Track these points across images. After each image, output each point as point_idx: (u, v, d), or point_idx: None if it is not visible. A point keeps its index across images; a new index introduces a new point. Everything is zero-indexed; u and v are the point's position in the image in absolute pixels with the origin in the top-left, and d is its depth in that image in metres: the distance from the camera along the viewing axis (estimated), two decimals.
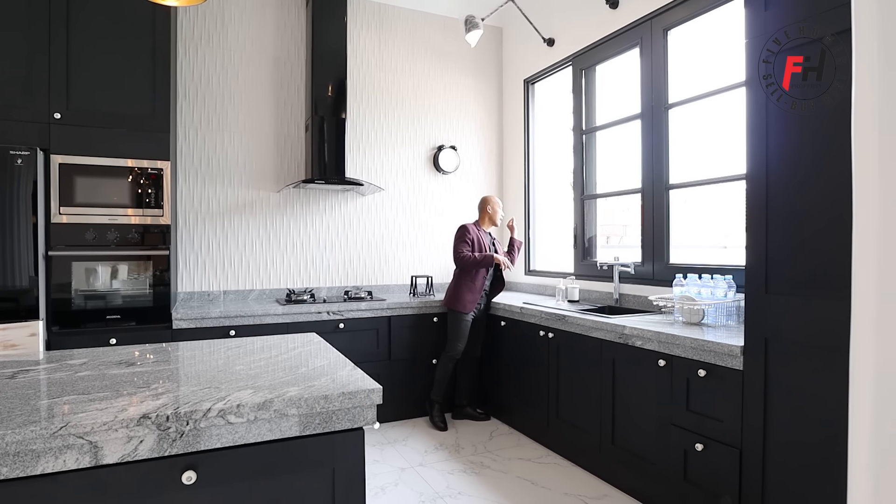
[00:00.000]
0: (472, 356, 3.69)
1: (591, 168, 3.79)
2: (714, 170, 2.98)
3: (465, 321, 3.53)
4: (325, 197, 4.01)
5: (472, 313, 3.57)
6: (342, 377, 1.41)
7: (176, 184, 3.51)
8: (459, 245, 3.52)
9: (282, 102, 3.88)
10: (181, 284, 3.58)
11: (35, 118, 2.78)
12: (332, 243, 4.02)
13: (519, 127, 4.45)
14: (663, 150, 3.14)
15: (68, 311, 2.85)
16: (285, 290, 3.81)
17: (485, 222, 3.69)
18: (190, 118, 3.61)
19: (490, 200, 3.70)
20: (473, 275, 3.54)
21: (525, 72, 4.36)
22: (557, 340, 3.05)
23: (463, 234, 3.56)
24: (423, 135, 4.34)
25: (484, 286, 3.62)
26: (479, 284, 3.57)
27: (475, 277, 3.55)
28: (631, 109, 3.41)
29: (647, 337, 2.41)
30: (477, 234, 3.59)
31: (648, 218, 3.23)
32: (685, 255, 3.17)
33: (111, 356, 1.69)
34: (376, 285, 4.14)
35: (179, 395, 1.23)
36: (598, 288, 3.56)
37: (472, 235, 3.55)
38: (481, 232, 3.64)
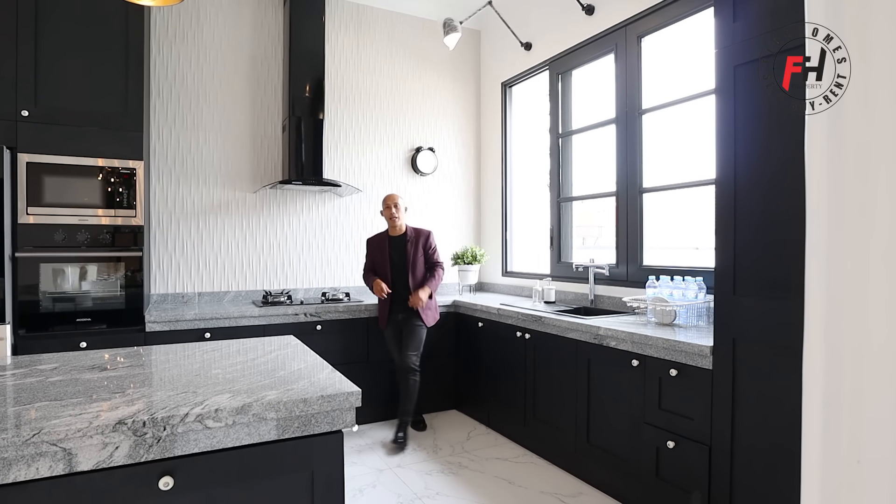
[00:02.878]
0: (400, 366, 3.39)
1: (567, 171, 3.85)
2: (686, 174, 3.06)
3: (385, 335, 3.51)
4: (302, 198, 3.98)
5: (389, 326, 3.46)
6: (321, 380, 1.42)
7: (149, 184, 3.45)
8: (366, 258, 3.59)
9: (258, 102, 3.84)
10: (155, 286, 3.52)
11: (1, 115, 2.71)
12: (309, 244, 4.00)
13: (497, 129, 4.49)
14: (637, 154, 3.20)
15: (36, 313, 2.78)
16: (262, 291, 3.78)
17: (388, 227, 3.53)
18: (164, 117, 3.56)
19: (385, 200, 3.47)
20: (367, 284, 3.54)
21: (503, 75, 4.40)
22: (534, 341, 3.09)
23: (368, 247, 3.58)
24: (401, 136, 4.35)
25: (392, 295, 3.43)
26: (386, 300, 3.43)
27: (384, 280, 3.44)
28: (606, 114, 3.47)
29: (621, 338, 2.46)
30: (375, 243, 3.52)
31: (623, 220, 3.29)
32: (659, 256, 3.25)
33: (83, 360, 1.66)
34: (354, 287, 4.13)
35: (155, 400, 1.22)
36: (574, 289, 3.61)
37: (368, 249, 3.56)
38: (383, 239, 3.49)
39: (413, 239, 3.49)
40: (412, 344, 3.39)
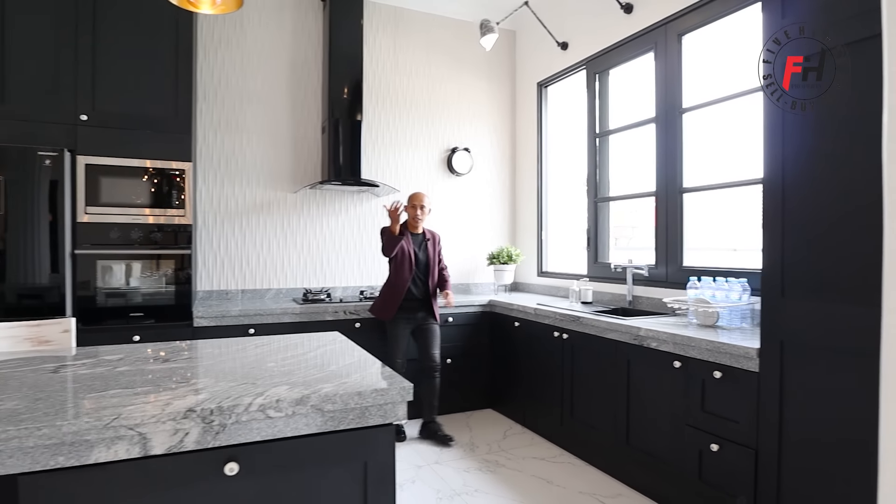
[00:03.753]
0: (428, 367, 3.38)
1: (604, 171, 3.83)
2: (727, 173, 3.01)
3: (394, 332, 3.34)
4: (340, 198, 4.06)
5: (402, 323, 3.37)
6: (372, 374, 1.46)
7: (195, 184, 3.58)
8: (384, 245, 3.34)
9: (299, 104, 3.93)
10: (200, 283, 3.64)
11: (62, 120, 2.85)
12: (346, 243, 4.08)
13: (532, 129, 4.49)
14: (677, 153, 3.17)
15: (92, 308, 2.91)
16: (301, 289, 3.87)
17: (409, 224, 3.47)
18: (209, 119, 3.68)
19: (412, 199, 3.44)
20: (394, 276, 3.36)
21: (538, 75, 4.40)
22: (572, 341, 3.08)
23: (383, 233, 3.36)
24: (437, 137, 4.39)
25: (412, 292, 3.38)
26: (401, 288, 3.33)
27: (395, 280, 3.34)
28: (645, 113, 3.44)
29: (663, 339, 2.45)
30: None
31: (662, 221, 3.26)
32: (697, 257, 3.21)
33: (145, 352, 1.75)
34: None
35: (219, 390, 1.28)
36: (611, 290, 3.59)
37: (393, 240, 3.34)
38: (405, 235, 3.38)
39: (432, 240, 3.53)
40: (437, 342, 3.45)
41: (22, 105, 2.79)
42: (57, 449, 1.06)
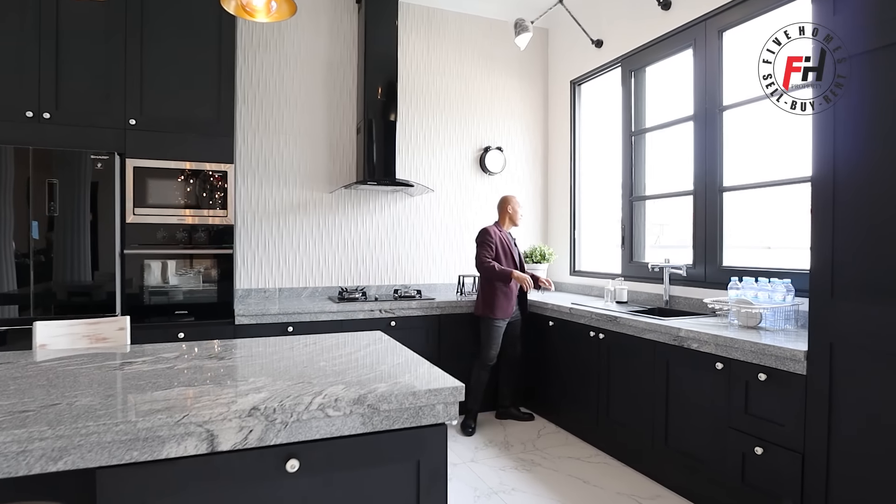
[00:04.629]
0: (513, 357, 3.69)
1: (639, 170, 3.79)
2: (767, 171, 2.96)
3: (498, 328, 3.52)
4: (374, 197, 4.11)
5: (504, 319, 3.55)
6: (423, 374, 1.49)
7: (235, 185, 3.67)
8: (481, 251, 3.50)
9: (334, 106, 3.99)
10: (239, 281, 3.73)
11: (112, 124, 2.96)
12: (381, 243, 4.12)
13: (565, 128, 4.47)
14: (717, 151, 3.12)
15: (140, 305, 3.01)
16: (337, 287, 3.93)
17: (505, 223, 3.68)
18: (249, 122, 3.76)
19: (511, 200, 3.69)
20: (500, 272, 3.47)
21: (571, 73, 4.37)
22: (608, 341, 3.07)
23: (484, 238, 3.53)
24: (469, 136, 4.40)
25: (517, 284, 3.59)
26: (513, 286, 3.53)
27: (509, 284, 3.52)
28: (683, 111, 3.39)
29: (704, 340, 2.42)
30: (499, 237, 3.57)
31: (700, 220, 3.21)
32: (736, 256, 3.16)
33: (199, 350, 1.81)
34: (424, 284, 4.22)
35: (278, 389, 1.33)
36: (647, 289, 3.56)
37: (493, 239, 3.53)
38: (503, 233, 3.64)
39: (515, 239, 3.77)
40: (521, 336, 3.74)
41: (75, 111, 2.90)
42: (132, 444, 1.11)
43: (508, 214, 3.69)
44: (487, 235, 3.55)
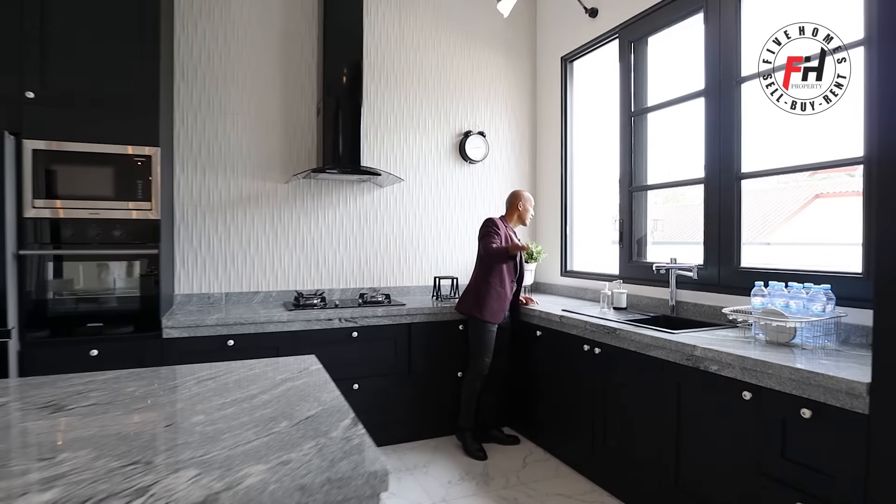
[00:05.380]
0: (497, 369, 3.23)
1: (640, 155, 3.30)
2: (785, 155, 2.49)
3: (490, 332, 3.07)
4: (338, 189, 3.60)
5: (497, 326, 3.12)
6: (334, 442, 0.99)
7: (172, 174, 3.15)
8: (487, 238, 3.07)
9: (291, 83, 3.47)
10: (179, 286, 3.21)
11: (3, 98, 2.43)
12: (346, 240, 3.62)
13: (555, 110, 3.97)
14: (734, 132, 2.63)
15: (42, 317, 2.49)
16: (293, 292, 3.42)
17: (513, 220, 3.24)
18: (188, 100, 3.23)
19: (522, 196, 3.23)
20: (501, 277, 3.07)
21: (562, 48, 3.87)
22: (606, 357, 2.59)
23: (489, 228, 3.10)
24: (447, 120, 3.90)
25: (512, 289, 3.17)
26: (509, 287, 3.11)
27: (503, 280, 3.08)
28: (691, 86, 2.90)
29: (726, 361, 1.94)
30: (504, 232, 3.14)
31: (714, 213, 2.73)
32: (755, 256, 2.69)
33: (37, 393, 1.30)
34: (395, 287, 3.72)
35: (84, 480, 0.82)
36: (650, 293, 3.08)
37: (501, 230, 3.10)
38: (509, 229, 3.20)
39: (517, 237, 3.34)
40: (509, 345, 3.32)
41: None
42: None
43: (518, 212, 3.24)
44: (493, 225, 3.12)
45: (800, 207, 3.81)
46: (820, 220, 3.75)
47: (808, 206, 3.72)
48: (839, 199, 7.05)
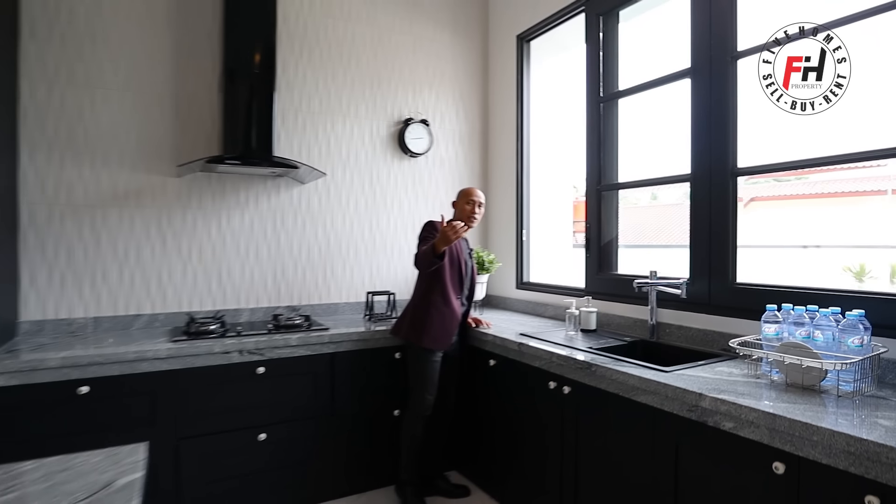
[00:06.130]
0: (443, 405, 2.65)
1: (610, 149, 2.80)
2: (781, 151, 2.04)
3: (433, 363, 2.49)
4: (248, 185, 2.92)
5: (443, 355, 2.54)
6: None
7: (15, 162, 2.40)
8: (422, 243, 2.50)
9: (185, 51, 2.77)
10: (25, 310, 2.45)
11: None
12: (257, 248, 2.94)
13: (510, 97, 3.43)
14: (729, 119, 2.16)
15: None
16: (186, 315, 2.71)
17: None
18: (41, 67, 2.48)
19: (465, 194, 2.65)
20: (444, 292, 2.49)
21: (519, 25, 3.34)
22: (578, 398, 2.05)
23: (429, 230, 2.53)
24: (384, 105, 3.29)
25: (461, 308, 2.59)
26: (455, 305, 2.54)
27: (447, 296, 2.50)
28: (673, 66, 2.42)
29: (748, 419, 1.43)
30: None
31: (703, 217, 2.25)
32: (750, 269, 2.23)
33: None
34: (320, 305, 3.08)
35: None
36: (623, 311, 2.58)
37: (429, 236, 2.53)
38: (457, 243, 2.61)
39: (467, 248, 2.74)
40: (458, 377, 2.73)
41: None
42: None
43: (456, 213, 2.66)
44: (432, 229, 2.53)
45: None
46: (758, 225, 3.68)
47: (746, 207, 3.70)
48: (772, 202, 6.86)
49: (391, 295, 3.03)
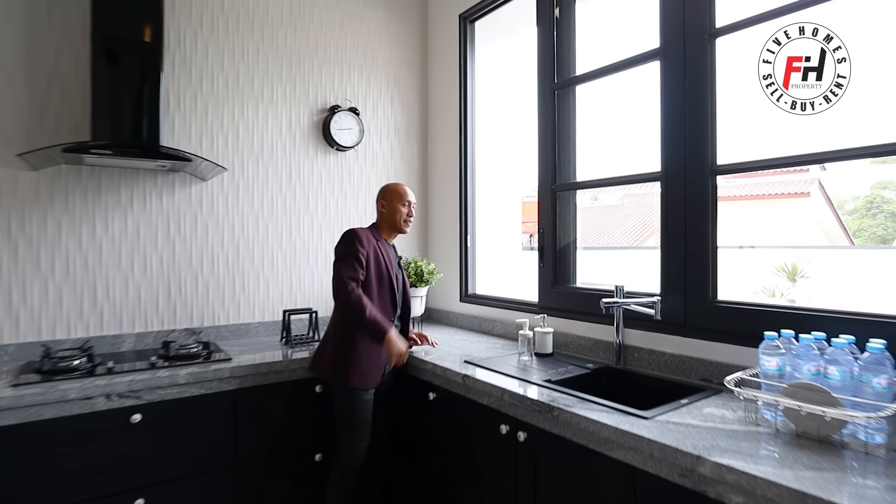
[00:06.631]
0: (377, 452, 2.20)
1: (566, 143, 2.45)
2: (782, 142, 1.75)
3: (363, 403, 2.04)
4: (131, 181, 2.37)
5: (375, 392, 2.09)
6: None
7: None
8: (343, 265, 2.00)
9: (43, 12, 2.19)
10: None
11: None
12: (145, 259, 2.39)
13: (453, 85, 3.03)
14: (706, 107, 1.84)
15: None
16: (42, 345, 2.14)
17: (383, 228, 2.20)
18: None
19: (387, 191, 2.20)
20: (370, 315, 1.98)
21: (461, 2, 2.95)
22: (536, 448, 1.66)
23: (350, 245, 2.02)
24: (305, 89, 2.81)
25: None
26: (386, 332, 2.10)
27: (376, 321, 2.00)
28: (640, 46, 2.09)
29: (765, 496, 1.07)
30: (374, 247, 2.10)
31: (676, 222, 1.92)
32: (731, 287, 1.93)
33: None
34: (227, 326, 2.57)
35: None
36: (581, 331, 2.24)
37: (365, 249, 2.04)
38: (381, 243, 2.15)
39: (396, 257, 2.27)
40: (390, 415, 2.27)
41: None
42: None
43: (383, 214, 2.20)
44: (355, 241, 2.03)
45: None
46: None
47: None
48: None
49: (313, 313, 2.55)
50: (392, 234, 2.22)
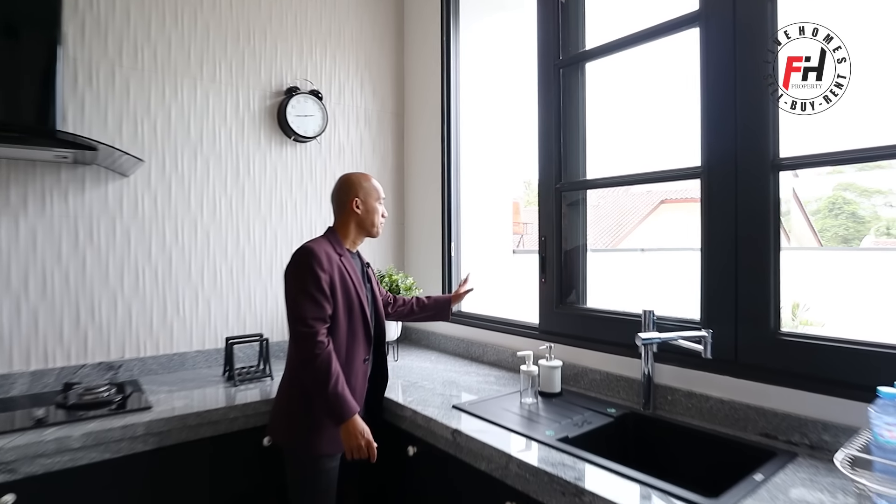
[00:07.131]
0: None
1: (573, 133, 2.02)
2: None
3: (327, 471, 1.57)
4: (22, 176, 1.85)
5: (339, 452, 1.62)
6: None
7: None
8: (304, 303, 1.50)
9: None
10: None
11: None
12: (44, 275, 1.88)
13: (434, 66, 2.58)
14: (762, 87, 1.43)
15: None
16: None
17: (349, 234, 1.70)
18: None
19: (357, 185, 1.70)
20: (350, 361, 1.59)
21: None
22: None
23: (308, 270, 1.52)
24: (256, 66, 2.32)
25: (366, 371, 1.69)
26: (360, 376, 1.64)
27: (353, 366, 1.59)
28: (666, 13, 1.67)
29: None
30: (338, 265, 1.59)
31: (724, 228, 1.51)
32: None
33: None
34: (158, 357, 2.07)
35: None
36: (592, 362, 1.82)
37: (326, 274, 1.54)
38: (345, 258, 1.65)
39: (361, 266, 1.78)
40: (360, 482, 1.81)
41: None
42: None
43: (356, 216, 1.69)
44: (314, 266, 1.53)
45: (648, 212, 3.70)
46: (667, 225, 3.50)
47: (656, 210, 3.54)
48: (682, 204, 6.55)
49: (263, 340, 2.06)
50: (359, 240, 1.75)
